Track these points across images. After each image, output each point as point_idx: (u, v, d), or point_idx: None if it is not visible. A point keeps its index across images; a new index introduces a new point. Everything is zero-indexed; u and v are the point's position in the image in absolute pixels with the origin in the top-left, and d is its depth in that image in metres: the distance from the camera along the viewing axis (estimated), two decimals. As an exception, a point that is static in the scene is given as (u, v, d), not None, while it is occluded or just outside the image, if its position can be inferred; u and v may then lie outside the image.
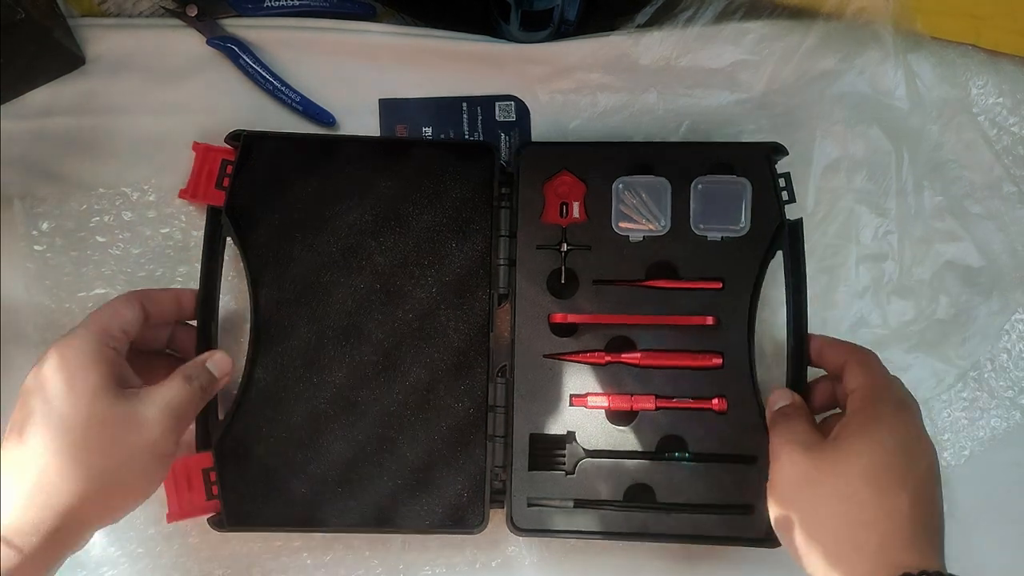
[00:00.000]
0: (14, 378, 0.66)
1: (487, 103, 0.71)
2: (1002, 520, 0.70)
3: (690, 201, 0.64)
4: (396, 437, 0.64)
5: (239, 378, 0.64)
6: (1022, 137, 0.72)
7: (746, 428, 0.62)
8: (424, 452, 0.64)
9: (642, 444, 0.63)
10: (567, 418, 0.63)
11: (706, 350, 0.63)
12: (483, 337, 0.65)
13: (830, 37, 0.69)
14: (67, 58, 0.67)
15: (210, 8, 0.68)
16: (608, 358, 0.63)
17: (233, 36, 0.69)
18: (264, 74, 0.68)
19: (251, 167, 0.65)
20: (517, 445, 0.63)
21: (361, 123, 0.71)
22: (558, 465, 0.63)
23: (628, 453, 0.63)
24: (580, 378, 0.64)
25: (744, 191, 0.64)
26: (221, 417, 0.64)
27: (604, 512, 0.62)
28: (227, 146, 0.66)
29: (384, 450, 0.64)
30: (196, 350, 0.63)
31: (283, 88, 0.69)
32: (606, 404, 0.63)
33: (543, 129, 0.71)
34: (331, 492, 0.63)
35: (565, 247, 0.64)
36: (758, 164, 0.64)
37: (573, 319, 0.64)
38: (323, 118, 0.69)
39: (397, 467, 0.64)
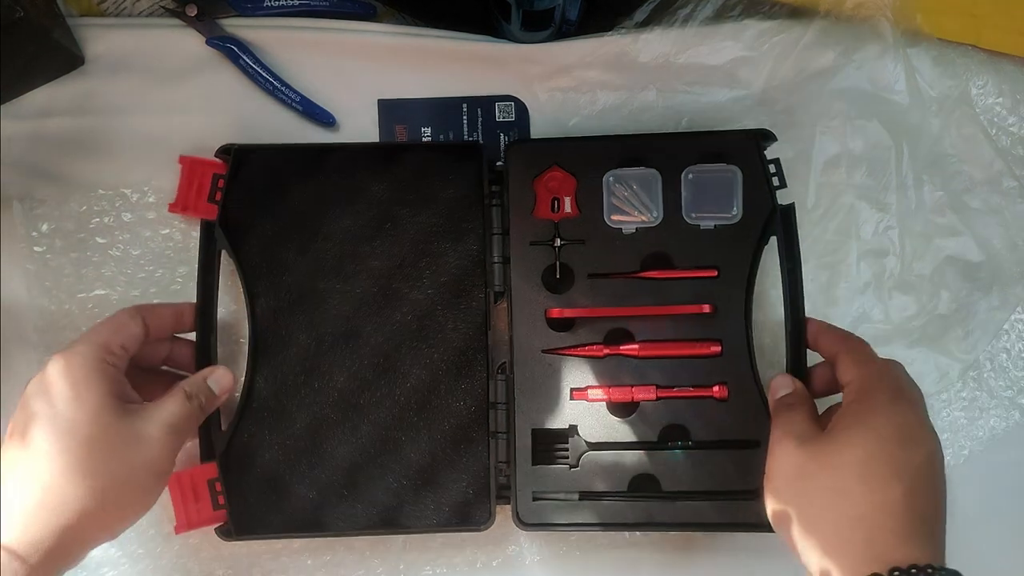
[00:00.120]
0: (14, 378, 0.67)
1: (487, 103, 0.71)
2: (1001, 520, 0.70)
3: (681, 191, 0.64)
4: (399, 439, 0.64)
5: (240, 388, 0.63)
6: (1021, 137, 0.72)
7: (748, 414, 0.61)
8: (427, 452, 0.64)
9: (644, 435, 0.63)
10: (568, 412, 0.63)
11: (704, 338, 0.63)
12: (481, 335, 0.65)
13: (829, 33, 0.69)
14: (66, 58, 0.67)
15: (210, 8, 0.68)
16: (607, 351, 0.63)
17: (233, 36, 0.69)
18: (264, 74, 0.69)
19: (242, 179, 0.65)
20: (520, 441, 0.63)
21: (361, 123, 0.71)
22: (561, 459, 0.63)
23: (630, 444, 0.63)
24: (580, 372, 0.64)
25: (735, 178, 0.64)
26: (224, 428, 0.64)
27: (609, 504, 0.62)
28: (214, 159, 0.65)
29: (388, 452, 0.64)
30: (196, 363, 0.63)
31: (283, 88, 0.69)
32: (606, 396, 0.63)
33: (543, 128, 0.71)
34: (337, 496, 0.63)
35: (558, 242, 0.64)
36: (747, 151, 0.64)
37: (570, 314, 0.64)
38: (323, 118, 0.69)
39: (401, 468, 0.64)
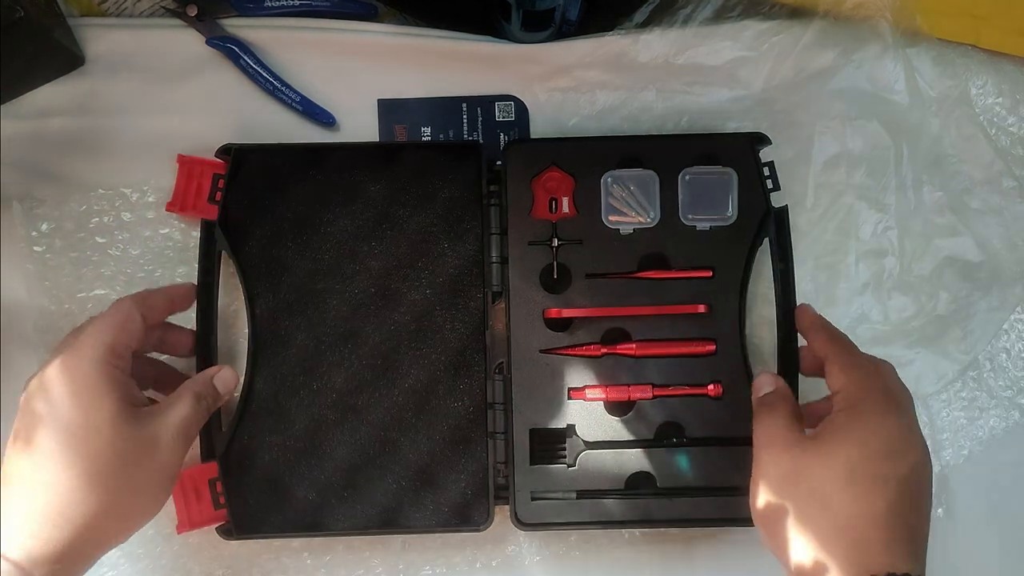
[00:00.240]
0: (14, 378, 0.66)
1: (487, 103, 0.71)
2: (1001, 520, 0.70)
3: (678, 192, 0.65)
4: (398, 439, 0.64)
5: (239, 388, 0.63)
6: (1021, 137, 0.72)
7: (742, 411, 0.61)
8: (426, 452, 0.64)
9: (641, 433, 0.63)
10: (566, 411, 0.64)
11: (699, 337, 0.64)
12: (479, 335, 0.65)
13: (828, 33, 0.69)
14: (67, 58, 0.67)
15: (210, 8, 0.68)
16: (604, 350, 0.64)
17: (233, 36, 0.69)
18: (264, 74, 0.69)
19: (242, 179, 0.65)
20: (518, 441, 0.63)
21: (361, 123, 0.71)
22: (559, 458, 0.63)
23: (628, 442, 0.63)
24: (577, 371, 0.64)
25: (731, 181, 0.64)
26: (224, 428, 0.64)
27: (607, 502, 0.62)
28: (213, 159, 0.65)
29: (387, 452, 0.64)
30: (196, 364, 0.63)
31: (283, 88, 0.69)
32: (604, 396, 0.63)
33: (542, 128, 0.71)
34: (337, 497, 0.63)
35: (556, 242, 0.65)
36: (743, 154, 0.65)
37: (568, 314, 0.64)
38: (323, 118, 0.69)
39: (400, 469, 0.64)
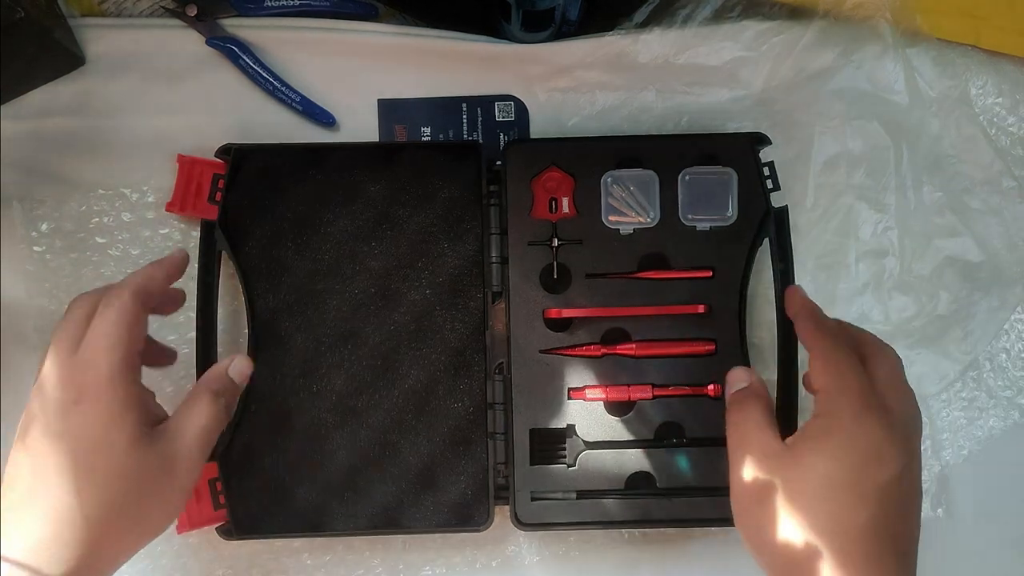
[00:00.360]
0: (14, 378, 0.67)
1: (486, 103, 0.71)
2: (1000, 520, 0.70)
3: (678, 193, 0.65)
4: (398, 439, 0.64)
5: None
6: (1020, 137, 0.72)
7: None
8: (426, 453, 0.64)
9: (640, 433, 0.63)
10: (566, 412, 0.64)
11: (699, 338, 0.64)
12: (479, 336, 0.65)
13: (828, 33, 0.69)
14: (67, 58, 0.67)
15: (210, 8, 0.68)
16: (604, 350, 0.64)
17: (233, 36, 0.69)
18: (264, 74, 0.69)
19: (242, 180, 0.65)
20: (518, 441, 0.63)
21: (361, 123, 0.70)
22: (559, 459, 0.63)
23: (627, 443, 0.63)
24: (577, 371, 0.64)
25: (730, 181, 0.64)
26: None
27: (607, 502, 0.63)
28: (213, 159, 0.65)
29: (387, 453, 0.64)
30: (197, 365, 0.63)
31: (283, 88, 0.69)
32: (604, 396, 0.63)
33: (542, 127, 0.71)
34: (337, 497, 0.63)
35: (556, 242, 0.65)
36: (743, 154, 0.65)
37: (568, 314, 0.64)
38: (323, 118, 0.69)
39: (400, 469, 0.64)
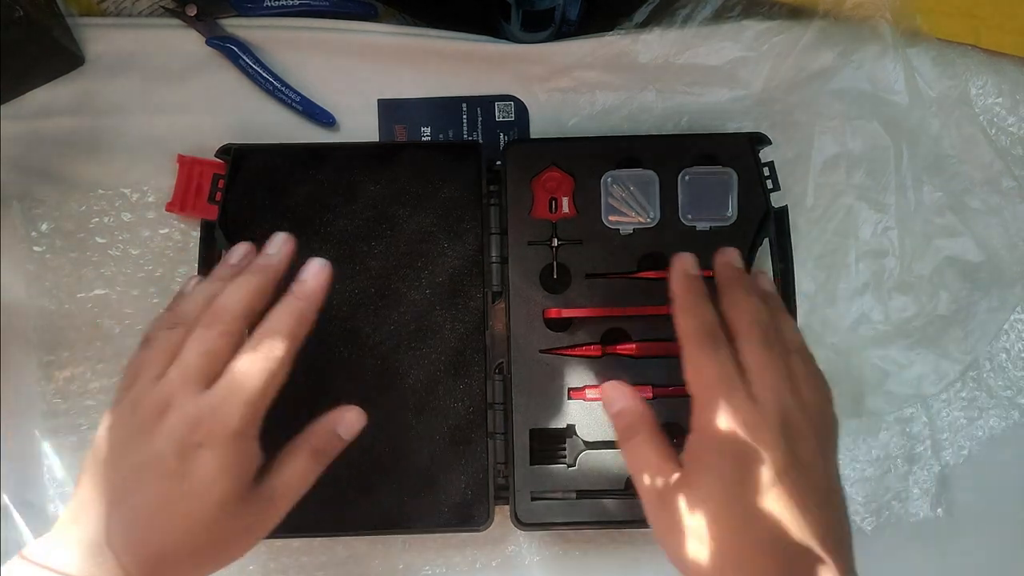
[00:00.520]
0: (14, 378, 0.67)
1: (486, 103, 0.71)
2: (1000, 520, 0.70)
3: (678, 192, 0.65)
4: (398, 440, 0.64)
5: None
6: (1020, 137, 0.72)
7: None
8: (426, 453, 0.64)
9: None
10: (566, 412, 0.63)
11: None
12: (479, 336, 0.65)
13: (828, 33, 0.69)
14: (66, 58, 0.67)
15: (210, 8, 0.68)
16: (604, 350, 0.64)
17: (233, 36, 0.69)
18: (264, 74, 0.69)
19: (242, 180, 0.65)
20: (518, 441, 0.63)
21: (361, 123, 0.70)
22: (559, 459, 0.63)
23: None
24: (577, 371, 0.64)
25: (730, 181, 0.64)
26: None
27: (607, 502, 0.62)
28: (213, 159, 0.65)
29: (387, 453, 0.64)
30: None
31: (283, 88, 0.69)
32: (604, 396, 0.63)
33: (542, 128, 0.71)
34: (338, 498, 0.63)
35: (556, 242, 0.65)
36: (743, 154, 0.64)
37: (568, 314, 0.64)
38: (323, 118, 0.69)
39: (400, 469, 0.64)
